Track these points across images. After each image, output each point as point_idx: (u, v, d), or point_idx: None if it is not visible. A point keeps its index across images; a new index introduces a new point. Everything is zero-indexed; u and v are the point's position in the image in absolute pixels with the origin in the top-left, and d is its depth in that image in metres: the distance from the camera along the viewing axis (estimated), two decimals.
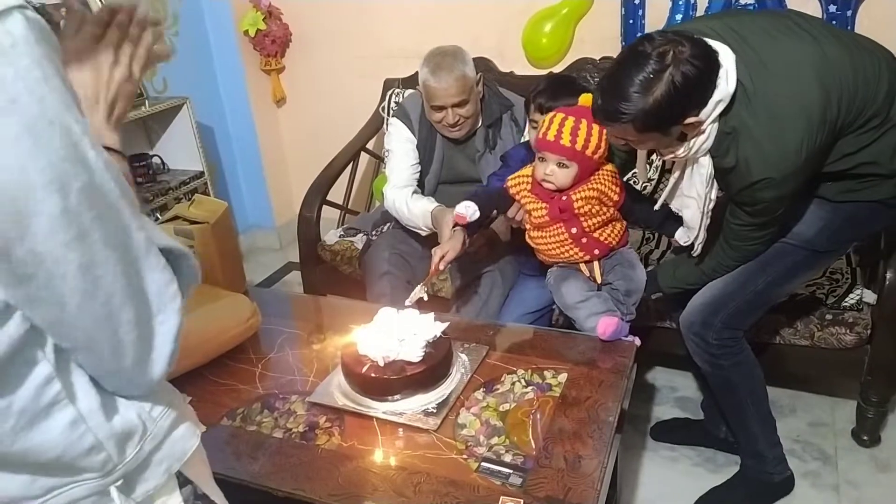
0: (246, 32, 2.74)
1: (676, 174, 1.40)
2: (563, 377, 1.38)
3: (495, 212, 1.71)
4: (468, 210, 1.57)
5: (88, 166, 0.50)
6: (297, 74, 2.94)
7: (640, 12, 2.20)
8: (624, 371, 1.41)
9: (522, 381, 1.38)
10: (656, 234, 2.18)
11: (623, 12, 2.22)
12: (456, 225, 1.60)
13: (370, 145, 2.59)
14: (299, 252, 2.28)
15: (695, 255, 1.47)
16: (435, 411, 1.29)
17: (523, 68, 2.44)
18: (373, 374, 1.31)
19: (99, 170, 0.50)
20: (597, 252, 1.59)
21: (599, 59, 2.31)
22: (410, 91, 2.30)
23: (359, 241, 2.21)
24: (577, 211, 1.54)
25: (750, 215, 1.34)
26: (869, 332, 1.64)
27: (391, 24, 2.65)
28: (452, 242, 1.60)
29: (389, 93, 2.55)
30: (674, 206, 1.45)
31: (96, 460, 0.58)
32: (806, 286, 1.74)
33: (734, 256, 1.44)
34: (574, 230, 1.56)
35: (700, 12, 2.14)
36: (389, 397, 1.30)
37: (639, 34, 2.23)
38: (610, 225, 1.59)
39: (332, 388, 1.37)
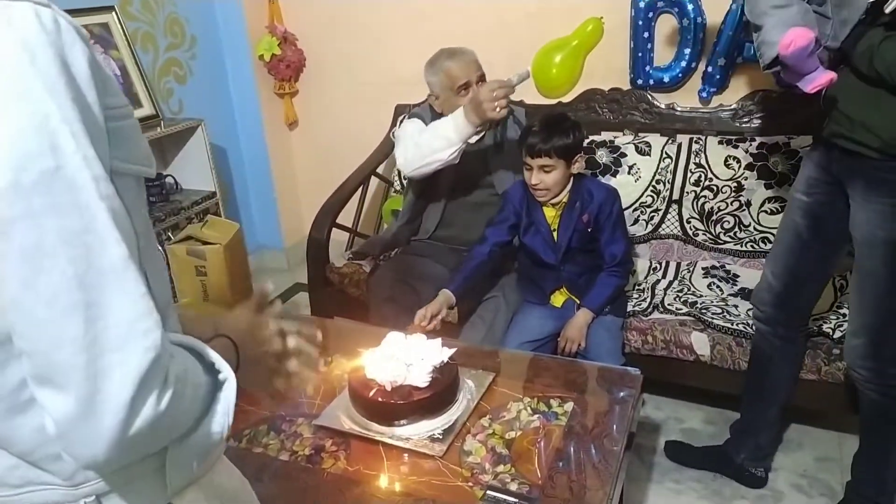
0: (261, 57, 2.79)
1: None
2: (568, 406, 1.38)
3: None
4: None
5: (59, 154, 0.49)
6: (311, 98, 2.98)
7: (649, 46, 2.24)
8: (630, 401, 1.41)
9: (528, 409, 1.38)
10: (663, 264, 2.19)
11: (632, 45, 2.26)
12: None
13: (380, 170, 2.62)
14: (308, 274, 2.30)
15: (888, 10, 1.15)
16: (441, 437, 1.29)
17: (534, 98, 2.47)
18: (380, 399, 1.31)
19: (73, 162, 0.50)
20: None
21: (608, 91, 2.34)
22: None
23: (367, 264, 2.23)
24: None
25: None
26: None
27: (403, 51, 2.69)
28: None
29: (400, 118, 2.59)
30: None
31: (63, 469, 0.58)
32: (813, 320, 1.74)
33: None
34: None
35: (710, 37, 2.16)
36: (396, 422, 1.31)
37: (647, 67, 2.27)
38: None
39: (338, 412, 1.37)
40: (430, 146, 1.83)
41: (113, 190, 0.53)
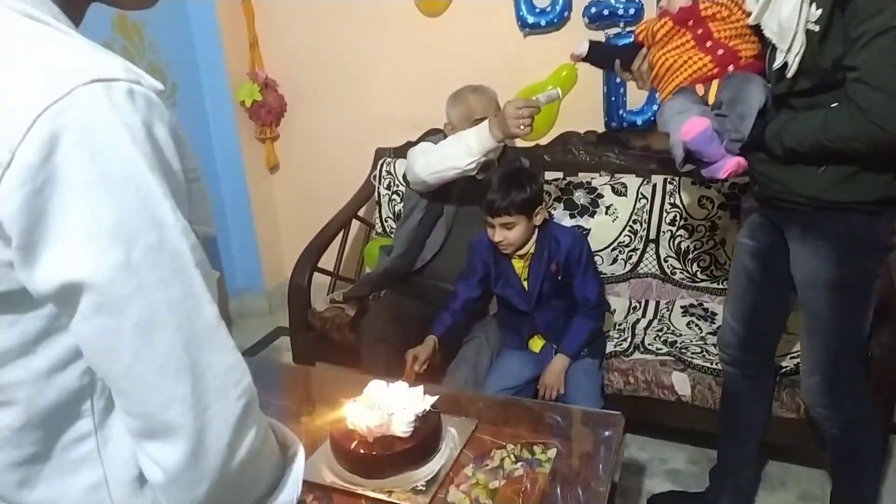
0: (242, 103, 2.82)
1: None
2: (552, 452, 1.38)
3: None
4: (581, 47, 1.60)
5: (162, 227, 0.51)
6: (292, 142, 3.01)
7: (622, 90, 2.30)
8: (613, 444, 1.41)
9: (512, 456, 1.37)
10: (643, 302, 2.22)
11: (605, 90, 2.32)
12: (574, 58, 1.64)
13: (361, 212, 2.64)
14: (289, 319, 2.28)
15: (788, 76, 1.28)
16: (424, 489, 1.27)
17: (510, 140, 2.51)
18: (362, 451, 1.30)
19: (174, 234, 0.52)
20: (731, 68, 1.40)
21: (584, 133, 2.39)
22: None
23: (350, 308, 2.22)
24: (703, 14, 1.41)
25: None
26: None
27: (383, 95, 2.74)
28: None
29: (381, 161, 2.62)
30: (765, 22, 1.32)
31: None
32: (790, 358, 1.76)
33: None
34: (700, 31, 1.41)
35: None
36: (378, 474, 1.29)
37: (620, 111, 2.33)
38: (746, 37, 1.41)
39: (320, 465, 1.35)
40: (451, 151, 1.90)
41: (203, 254, 0.56)
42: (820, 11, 1.20)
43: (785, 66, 1.28)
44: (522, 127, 1.76)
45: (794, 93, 1.31)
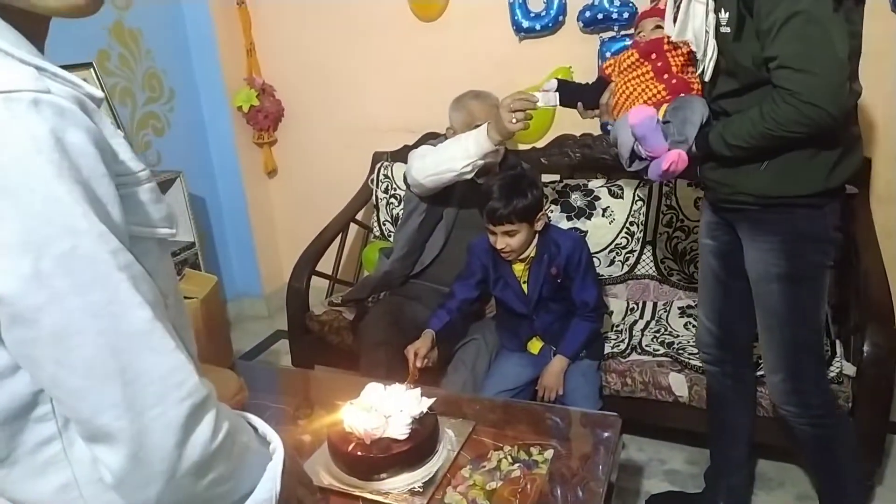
0: (239, 108, 2.83)
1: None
2: (549, 453, 1.38)
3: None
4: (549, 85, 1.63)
5: (74, 234, 0.51)
6: (289, 147, 3.02)
7: None
8: (610, 446, 1.41)
9: (509, 457, 1.38)
10: (640, 304, 2.22)
11: None
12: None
13: (359, 216, 2.65)
14: (287, 323, 2.29)
15: (706, 79, 1.37)
16: (421, 490, 1.28)
17: (508, 143, 2.52)
18: (359, 453, 1.30)
19: (88, 240, 0.52)
20: (682, 94, 1.47)
21: (580, 136, 2.40)
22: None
23: (348, 311, 2.23)
24: (665, 48, 1.49)
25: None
26: (850, 404, 1.66)
27: (379, 100, 2.76)
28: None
29: (378, 165, 2.63)
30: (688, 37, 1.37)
31: None
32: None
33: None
34: (660, 64, 1.49)
35: None
36: (376, 476, 1.30)
37: None
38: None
39: (318, 467, 1.36)
40: (448, 154, 1.89)
41: (132, 258, 0.55)
42: (728, 14, 1.27)
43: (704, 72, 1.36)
44: (515, 121, 1.70)
45: (723, 95, 1.36)
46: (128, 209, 0.57)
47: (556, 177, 2.42)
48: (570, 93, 1.62)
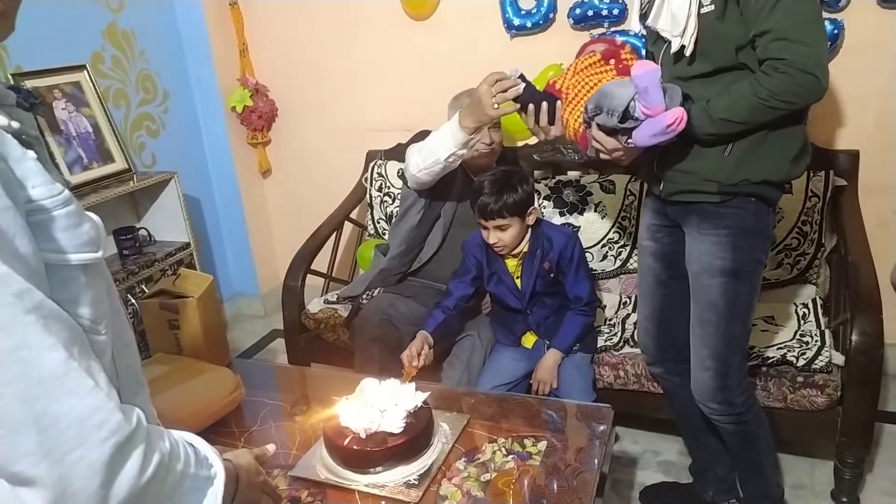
0: (233, 108, 2.85)
1: None
2: (542, 445, 1.40)
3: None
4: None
5: None
6: (283, 147, 3.03)
7: None
8: (602, 437, 1.43)
9: (503, 449, 1.40)
10: (633, 297, 2.24)
11: None
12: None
13: (354, 214, 2.66)
14: (283, 321, 2.31)
15: (687, 54, 1.35)
16: (416, 483, 1.30)
17: (506, 140, 2.54)
18: (354, 447, 1.32)
19: None
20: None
21: None
22: None
23: (343, 308, 2.25)
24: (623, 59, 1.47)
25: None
26: (839, 393, 1.69)
27: (373, 99, 2.77)
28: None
29: (372, 164, 2.64)
30: (658, 24, 1.38)
31: None
32: (777, 349, 1.79)
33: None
34: (621, 66, 1.46)
35: None
36: (371, 470, 1.31)
37: None
38: None
39: (314, 462, 1.37)
40: (433, 146, 1.87)
41: (41, 297, 0.52)
42: None
43: (682, 49, 1.34)
44: (497, 106, 1.58)
45: (690, 77, 1.37)
46: (41, 237, 0.54)
47: (549, 172, 2.44)
48: (533, 93, 1.54)
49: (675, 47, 1.36)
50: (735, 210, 1.39)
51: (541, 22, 2.36)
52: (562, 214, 2.32)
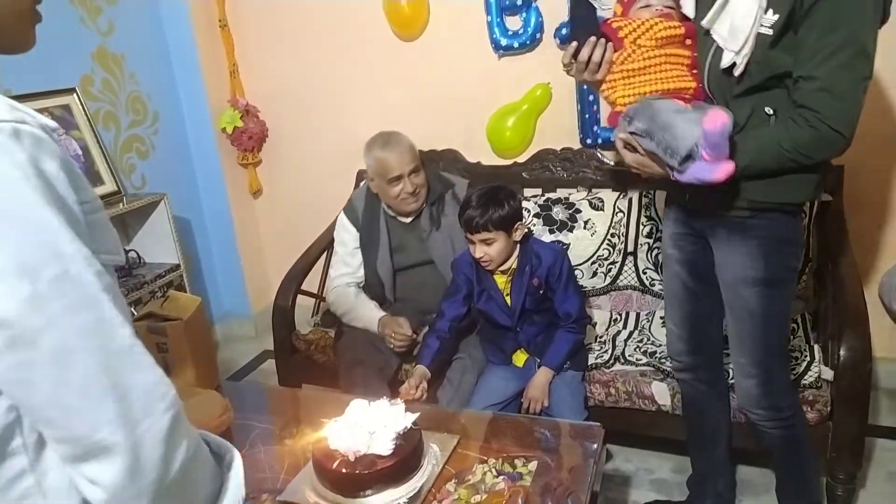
0: (224, 130, 2.85)
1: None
2: (532, 465, 1.40)
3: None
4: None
5: (63, 258, 0.53)
6: (274, 167, 3.04)
7: (595, 107, 2.35)
8: (593, 456, 1.43)
9: (493, 470, 1.39)
10: (623, 314, 2.25)
11: (579, 108, 2.37)
12: None
13: None
14: (274, 342, 2.30)
15: (736, 73, 1.30)
16: None
17: (490, 159, 2.56)
18: (343, 470, 1.31)
19: (76, 263, 0.54)
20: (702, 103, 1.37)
21: (560, 150, 2.44)
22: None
23: (333, 330, 2.24)
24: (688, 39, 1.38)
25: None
26: (829, 409, 1.69)
27: (362, 118, 2.77)
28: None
29: (362, 183, 2.64)
30: (715, 28, 1.32)
31: None
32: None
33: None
34: (693, 55, 1.40)
35: None
36: (361, 493, 1.30)
37: (594, 127, 2.38)
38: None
39: (303, 486, 1.36)
40: (350, 315, 2.08)
41: (110, 279, 0.58)
42: (776, 17, 1.23)
43: (733, 66, 1.30)
44: (394, 346, 1.95)
45: (733, 95, 1.35)
46: (89, 236, 0.59)
47: (538, 190, 2.45)
48: (590, 24, 1.39)
49: (725, 62, 1.30)
50: (764, 221, 1.38)
51: (527, 42, 2.38)
52: (551, 232, 2.33)
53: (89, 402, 0.54)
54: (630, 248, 2.29)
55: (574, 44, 1.40)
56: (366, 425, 1.36)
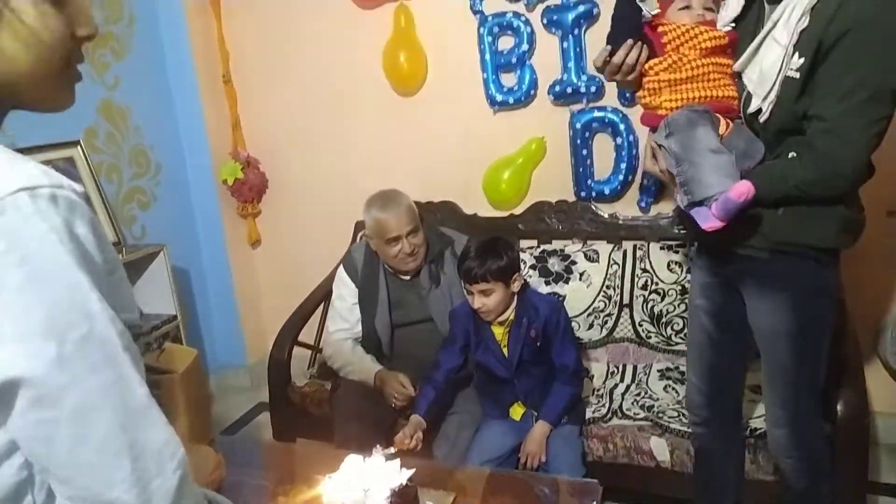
0: (225, 181, 2.89)
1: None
2: None
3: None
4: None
5: (91, 318, 0.55)
6: (273, 218, 3.07)
7: (589, 161, 2.40)
8: None
9: None
10: (621, 367, 2.24)
11: (573, 161, 2.42)
12: None
13: None
14: (269, 395, 2.28)
15: (762, 120, 1.31)
16: None
17: (486, 211, 2.60)
18: None
19: (102, 323, 0.56)
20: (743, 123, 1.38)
21: (555, 202, 2.48)
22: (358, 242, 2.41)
23: (329, 382, 2.22)
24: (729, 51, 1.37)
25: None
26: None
27: (362, 171, 2.83)
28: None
29: (360, 235, 2.67)
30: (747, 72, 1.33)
31: None
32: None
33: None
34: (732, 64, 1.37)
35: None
36: None
37: (588, 180, 2.42)
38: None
39: None
40: (350, 371, 2.06)
41: (130, 338, 0.60)
42: (802, 60, 1.24)
43: (759, 111, 1.32)
44: (396, 405, 1.94)
45: (761, 137, 1.36)
46: (110, 294, 0.60)
47: (534, 242, 2.48)
48: (633, 25, 1.38)
49: (752, 107, 1.32)
50: (792, 269, 1.36)
51: (522, 98, 2.45)
52: (547, 283, 2.34)
53: (106, 460, 0.56)
54: (626, 300, 2.30)
55: (608, 47, 1.40)
56: (360, 482, 1.34)
